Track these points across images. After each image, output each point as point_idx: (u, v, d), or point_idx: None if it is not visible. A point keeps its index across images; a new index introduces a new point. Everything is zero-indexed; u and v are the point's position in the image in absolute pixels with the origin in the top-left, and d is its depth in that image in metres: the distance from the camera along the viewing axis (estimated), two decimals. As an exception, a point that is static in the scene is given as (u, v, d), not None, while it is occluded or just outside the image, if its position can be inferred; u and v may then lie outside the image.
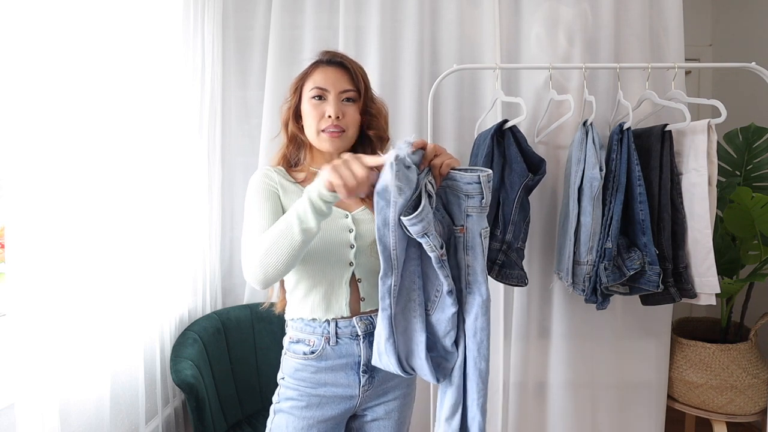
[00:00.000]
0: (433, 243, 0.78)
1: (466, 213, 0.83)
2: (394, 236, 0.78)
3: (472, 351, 0.84)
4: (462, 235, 0.84)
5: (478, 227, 0.83)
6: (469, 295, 0.85)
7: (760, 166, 1.73)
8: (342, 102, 0.98)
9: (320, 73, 0.99)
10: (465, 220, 0.83)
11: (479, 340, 0.84)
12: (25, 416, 0.91)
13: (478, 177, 0.80)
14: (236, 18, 1.85)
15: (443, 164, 0.81)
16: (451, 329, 0.84)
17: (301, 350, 0.96)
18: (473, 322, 0.84)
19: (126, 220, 1.23)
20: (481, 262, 0.84)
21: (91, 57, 1.10)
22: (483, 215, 0.83)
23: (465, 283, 0.85)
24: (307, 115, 0.99)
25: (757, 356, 1.62)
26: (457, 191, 0.83)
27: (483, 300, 0.84)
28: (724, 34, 2.48)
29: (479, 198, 0.81)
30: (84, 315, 1.09)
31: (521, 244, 1.42)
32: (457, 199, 0.83)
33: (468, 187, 0.81)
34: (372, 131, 1.02)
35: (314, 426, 0.94)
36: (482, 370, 0.84)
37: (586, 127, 1.44)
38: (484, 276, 0.84)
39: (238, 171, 1.87)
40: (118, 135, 1.20)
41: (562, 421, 1.74)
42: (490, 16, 1.75)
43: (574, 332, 1.73)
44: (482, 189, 0.81)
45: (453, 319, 0.83)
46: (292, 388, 0.96)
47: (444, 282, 0.81)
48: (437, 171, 0.81)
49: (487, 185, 0.81)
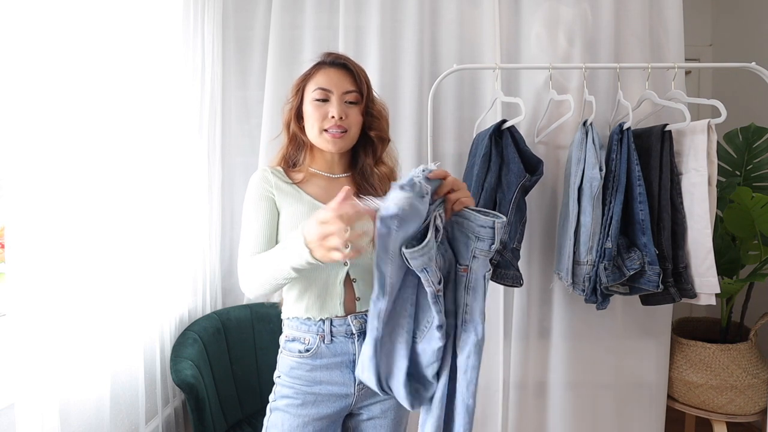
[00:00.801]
0: (431, 279, 0.77)
1: (473, 254, 0.82)
2: (393, 265, 0.77)
3: (462, 387, 0.84)
4: (465, 274, 0.83)
5: (483, 270, 0.83)
6: (464, 333, 0.85)
7: (760, 166, 1.73)
8: (345, 103, 0.99)
9: (323, 74, 1.00)
10: (471, 260, 0.83)
11: (469, 378, 0.83)
12: (25, 416, 0.91)
13: (493, 222, 0.79)
14: (236, 18, 1.86)
15: (458, 201, 0.81)
16: (435, 361, 0.83)
17: (297, 348, 0.97)
18: (465, 359, 0.84)
19: (126, 220, 1.23)
20: (481, 303, 0.83)
21: (92, 57, 1.10)
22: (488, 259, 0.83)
23: (462, 320, 0.85)
24: (309, 116, 1.00)
25: (757, 356, 1.62)
26: (466, 230, 0.82)
27: (478, 340, 0.83)
28: (724, 34, 2.48)
29: (489, 242, 0.81)
30: (84, 315, 1.09)
31: (517, 245, 1.42)
32: (466, 239, 0.83)
33: (480, 230, 0.80)
34: (373, 132, 1.03)
35: (309, 424, 0.95)
36: (470, 406, 0.84)
37: (586, 127, 1.44)
38: (482, 317, 0.84)
39: (238, 171, 1.87)
40: (118, 135, 1.20)
41: (562, 421, 1.74)
42: (490, 16, 1.75)
43: (574, 332, 1.72)
44: (494, 235, 0.80)
45: (438, 352, 0.83)
46: (287, 386, 0.97)
47: (435, 316, 0.81)
48: (450, 205, 0.81)
49: (500, 232, 0.80)
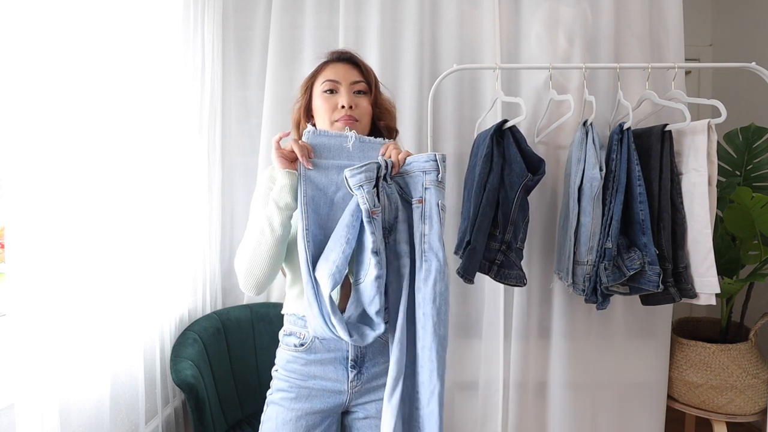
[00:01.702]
0: (366, 196, 0.84)
1: (425, 186, 0.91)
2: (304, 184, 0.89)
3: (431, 317, 0.86)
4: (420, 205, 0.91)
5: (435, 199, 0.90)
6: (425, 263, 0.88)
7: (760, 166, 1.73)
8: (353, 94, 1.01)
9: (330, 69, 1.03)
10: (423, 192, 0.91)
11: (438, 306, 0.86)
12: (25, 416, 0.91)
13: (434, 155, 0.90)
14: (236, 18, 1.85)
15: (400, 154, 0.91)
16: (376, 294, 0.85)
17: (292, 342, 0.99)
18: (432, 288, 0.87)
19: (126, 220, 1.23)
20: (438, 229, 0.89)
21: (92, 57, 1.10)
22: (440, 190, 0.91)
23: (421, 251, 0.89)
24: (319, 110, 1.02)
25: (757, 356, 1.62)
26: (414, 171, 0.92)
27: (440, 265, 0.87)
28: (724, 34, 2.48)
29: (435, 173, 0.90)
30: (84, 315, 1.09)
31: (520, 245, 1.42)
32: (415, 177, 0.92)
33: (425, 165, 0.90)
34: (383, 122, 1.05)
35: (302, 417, 0.96)
36: (442, 336, 0.87)
37: (586, 127, 1.44)
38: (441, 243, 0.89)
39: (238, 171, 1.87)
40: (118, 135, 1.20)
41: (562, 421, 1.74)
42: (490, 16, 1.75)
43: (574, 332, 1.73)
44: (438, 165, 0.90)
45: (376, 283, 0.84)
46: (283, 379, 0.99)
47: (370, 238, 0.84)
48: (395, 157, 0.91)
49: (442, 163, 0.90)
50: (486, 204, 1.38)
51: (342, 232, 0.87)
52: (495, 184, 1.39)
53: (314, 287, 0.87)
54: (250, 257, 0.93)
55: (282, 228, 0.90)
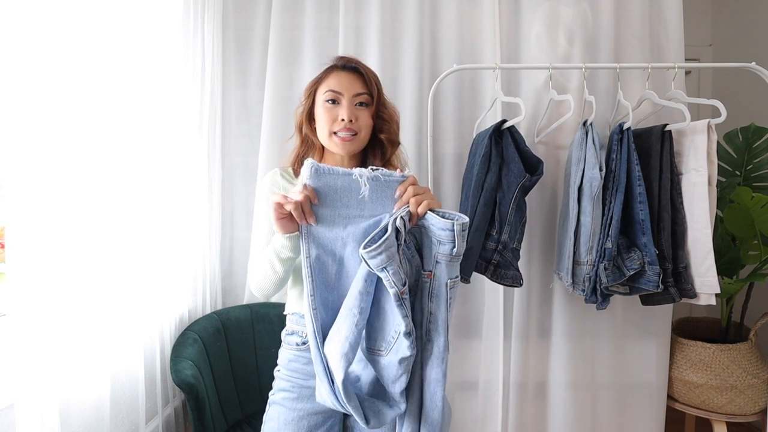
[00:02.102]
0: (392, 279, 0.74)
1: (436, 259, 0.80)
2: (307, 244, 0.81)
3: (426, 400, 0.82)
4: (429, 280, 0.81)
5: (445, 276, 0.80)
6: (427, 343, 0.82)
7: (760, 166, 1.73)
8: (355, 106, 1.00)
9: (335, 77, 1.02)
10: (434, 266, 0.81)
11: (432, 392, 0.81)
12: (25, 416, 0.91)
13: (452, 225, 0.76)
14: (236, 18, 1.85)
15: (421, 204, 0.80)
16: (403, 374, 0.78)
17: (294, 341, 1.00)
18: (428, 372, 0.82)
19: (126, 220, 1.23)
20: (444, 311, 0.81)
21: (92, 57, 1.10)
22: (453, 265, 0.80)
23: (426, 330, 0.82)
24: (320, 118, 1.01)
25: (757, 356, 1.62)
26: (430, 234, 0.80)
27: (440, 351, 0.81)
28: (724, 34, 2.48)
29: (450, 246, 0.78)
30: (84, 315, 1.09)
31: (517, 245, 1.42)
32: (430, 243, 0.81)
33: (441, 234, 0.78)
34: (384, 135, 1.04)
35: (304, 418, 0.96)
36: (435, 421, 0.81)
37: (586, 127, 1.44)
38: (444, 327, 0.81)
39: (238, 171, 1.87)
40: (118, 135, 1.20)
41: (562, 421, 1.74)
42: (490, 16, 1.75)
43: (574, 332, 1.72)
44: (455, 238, 0.77)
45: (404, 363, 0.77)
46: (285, 379, 1.00)
47: (402, 322, 0.76)
48: (414, 209, 0.80)
49: (460, 234, 0.77)
50: (483, 204, 1.38)
51: (355, 302, 0.77)
52: (492, 184, 1.39)
53: (323, 362, 0.78)
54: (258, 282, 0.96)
55: (285, 272, 0.92)
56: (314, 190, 0.79)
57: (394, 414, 0.81)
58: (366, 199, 0.80)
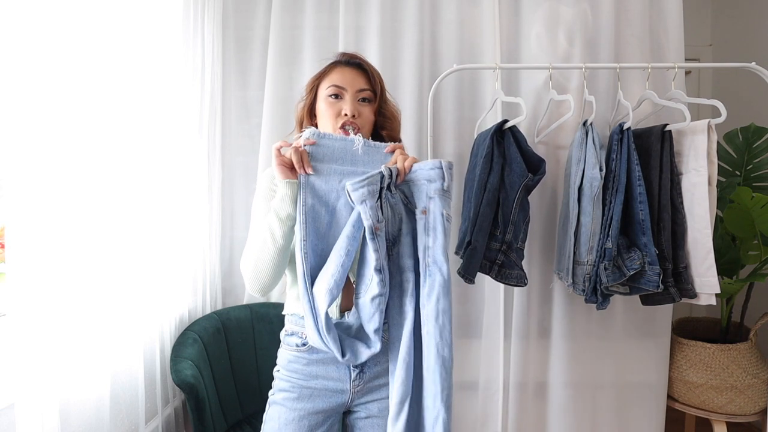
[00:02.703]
0: (369, 212, 0.81)
1: (429, 195, 0.87)
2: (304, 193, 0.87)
3: (434, 336, 0.82)
4: (424, 216, 0.87)
5: (440, 209, 0.86)
6: (429, 277, 0.85)
7: (760, 166, 1.73)
8: (358, 102, 1.00)
9: (338, 72, 1.02)
10: (428, 202, 0.87)
11: (441, 324, 0.82)
12: (25, 416, 0.91)
13: (439, 163, 0.86)
14: (236, 18, 1.85)
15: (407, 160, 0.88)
16: (375, 312, 0.82)
17: (294, 342, 0.99)
18: (435, 304, 0.83)
19: (126, 220, 1.23)
20: (442, 242, 0.85)
21: (92, 57, 1.10)
22: (446, 199, 0.87)
23: (425, 264, 0.85)
24: (322, 113, 1.01)
25: (757, 356, 1.62)
26: (419, 179, 0.88)
27: (444, 280, 0.83)
28: (724, 34, 2.48)
29: (441, 182, 0.86)
30: (84, 315, 1.09)
31: (521, 244, 1.42)
32: (420, 186, 0.88)
33: (431, 173, 0.87)
34: (385, 132, 1.05)
35: (305, 418, 0.96)
36: (446, 358, 0.82)
37: (586, 127, 1.44)
38: (445, 256, 0.85)
39: (238, 171, 1.87)
40: (118, 135, 1.20)
41: (562, 421, 1.74)
42: (490, 16, 1.75)
43: (574, 332, 1.73)
44: (443, 173, 0.86)
45: (376, 302, 0.82)
46: (285, 379, 0.99)
47: (372, 255, 0.82)
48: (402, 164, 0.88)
49: (448, 171, 0.86)
50: (486, 204, 1.38)
51: (342, 243, 0.83)
52: (495, 184, 1.39)
53: (310, 300, 0.84)
54: (254, 265, 0.92)
55: (284, 238, 0.90)
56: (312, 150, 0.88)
57: (369, 353, 0.86)
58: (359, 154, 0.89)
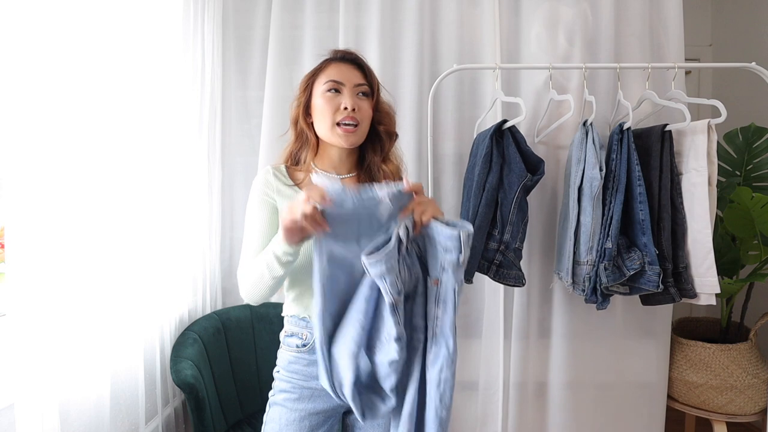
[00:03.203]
0: (389, 288, 0.78)
1: (443, 267, 0.82)
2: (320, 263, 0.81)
3: (434, 400, 0.84)
4: (436, 287, 0.84)
5: (452, 282, 0.82)
6: (435, 347, 0.85)
7: (760, 166, 1.73)
8: (356, 96, 0.99)
9: (334, 68, 1.00)
10: (441, 273, 0.83)
11: (442, 391, 0.84)
12: (25, 416, 0.91)
13: (458, 234, 0.78)
14: (236, 18, 1.85)
15: (424, 213, 0.82)
16: (391, 374, 0.82)
17: (294, 343, 0.99)
18: (438, 373, 0.84)
19: (126, 220, 1.23)
20: (451, 316, 0.83)
21: (91, 57, 1.10)
22: (459, 272, 0.82)
23: (432, 333, 0.85)
24: (320, 110, 0.99)
25: (757, 356, 1.62)
26: (435, 243, 0.83)
27: (449, 353, 0.84)
28: (724, 34, 2.48)
29: (457, 254, 0.80)
30: (84, 315, 1.09)
31: (519, 245, 1.42)
32: (435, 252, 0.83)
33: (447, 243, 0.80)
34: (383, 126, 1.04)
35: (306, 418, 0.96)
36: (443, 419, 0.84)
37: (586, 127, 1.44)
38: (452, 330, 0.84)
39: (238, 171, 1.87)
40: (118, 135, 1.20)
41: (562, 421, 1.74)
42: (490, 16, 1.75)
43: (574, 332, 1.72)
44: (461, 246, 0.79)
45: (393, 365, 0.81)
46: (285, 380, 0.99)
47: (393, 328, 0.80)
48: (417, 218, 0.82)
49: (466, 243, 0.79)
50: (485, 204, 1.38)
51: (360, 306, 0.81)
52: (494, 184, 1.39)
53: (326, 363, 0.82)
54: (250, 287, 0.93)
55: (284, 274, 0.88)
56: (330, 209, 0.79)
57: (386, 409, 0.85)
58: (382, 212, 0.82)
